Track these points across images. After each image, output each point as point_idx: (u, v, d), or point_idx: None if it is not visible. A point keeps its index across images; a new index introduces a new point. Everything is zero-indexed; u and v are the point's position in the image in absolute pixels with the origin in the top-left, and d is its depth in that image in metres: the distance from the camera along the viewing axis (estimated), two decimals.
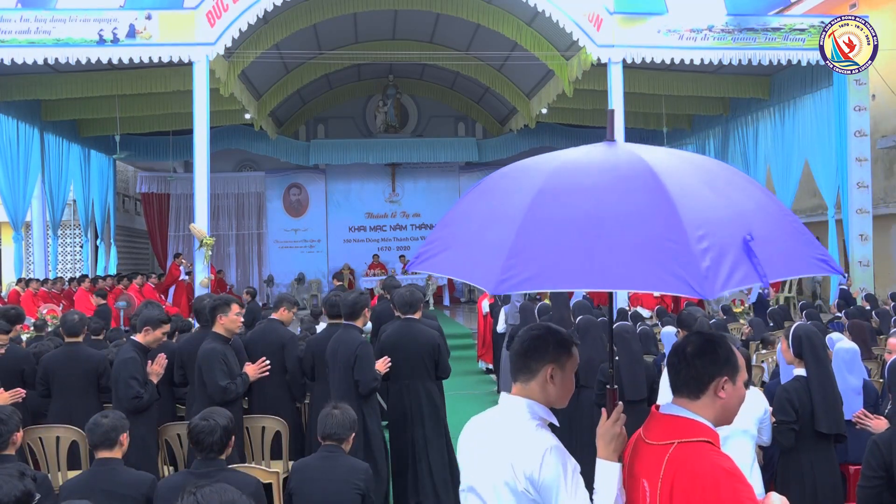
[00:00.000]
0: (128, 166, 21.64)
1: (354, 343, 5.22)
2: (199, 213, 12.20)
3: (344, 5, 14.01)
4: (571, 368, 2.29)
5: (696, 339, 2.19)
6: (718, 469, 2.00)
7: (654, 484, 2.08)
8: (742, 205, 2.02)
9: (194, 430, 3.43)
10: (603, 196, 2.00)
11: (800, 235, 2.16)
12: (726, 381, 2.11)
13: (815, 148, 14.08)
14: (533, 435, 2.20)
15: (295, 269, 21.13)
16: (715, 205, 1.96)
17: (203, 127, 12.14)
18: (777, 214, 2.13)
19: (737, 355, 2.16)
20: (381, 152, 20.29)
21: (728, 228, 1.88)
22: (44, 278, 14.88)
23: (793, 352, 4.14)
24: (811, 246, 2.13)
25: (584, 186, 2.06)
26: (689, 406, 2.12)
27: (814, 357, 4.05)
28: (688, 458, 2.03)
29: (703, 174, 2.13)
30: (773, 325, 8.88)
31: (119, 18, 11.92)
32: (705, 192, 2.00)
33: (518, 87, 17.56)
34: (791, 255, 2.05)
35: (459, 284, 21.72)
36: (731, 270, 1.82)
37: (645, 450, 2.16)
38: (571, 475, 2.14)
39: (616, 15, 12.70)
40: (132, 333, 5.21)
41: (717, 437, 2.11)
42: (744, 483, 2.01)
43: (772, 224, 2.03)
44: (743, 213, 1.98)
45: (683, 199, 1.91)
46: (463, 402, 9.08)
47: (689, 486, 2.00)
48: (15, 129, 14.75)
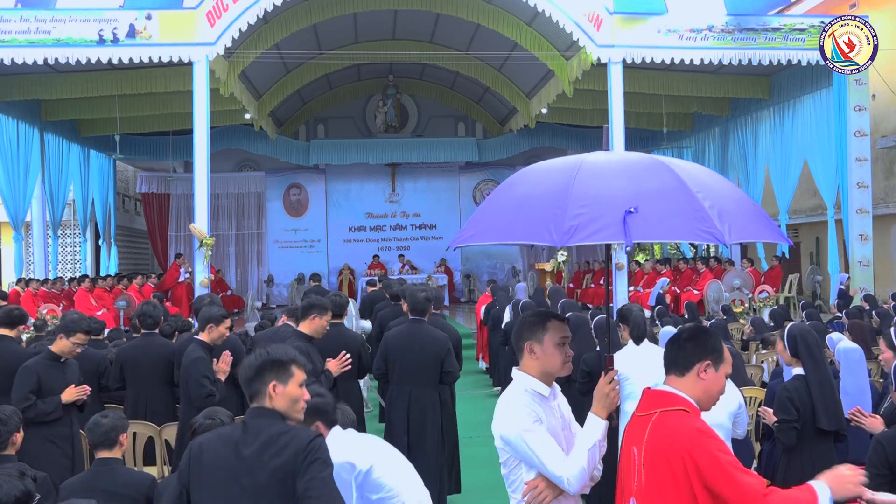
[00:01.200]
0: (128, 166, 21.64)
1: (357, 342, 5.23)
2: (199, 213, 12.19)
3: (344, 5, 14.00)
4: (550, 340, 2.72)
5: (691, 327, 2.59)
6: (692, 429, 2.31)
7: (640, 449, 2.40)
8: (648, 188, 2.48)
9: (199, 428, 3.43)
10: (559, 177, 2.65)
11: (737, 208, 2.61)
12: (709, 366, 2.43)
13: (814, 148, 14.08)
14: (509, 400, 2.71)
15: (295, 269, 21.11)
16: (610, 188, 2.50)
17: (203, 127, 12.14)
18: (704, 193, 2.53)
19: (723, 347, 2.48)
20: (381, 152, 20.28)
21: (609, 205, 2.41)
22: (44, 278, 14.88)
23: (789, 352, 4.16)
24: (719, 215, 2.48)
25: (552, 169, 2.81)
26: (674, 383, 2.45)
27: (809, 356, 4.07)
28: (666, 423, 2.35)
29: (629, 168, 2.64)
30: (773, 325, 8.88)
31: (119, 18, 11.92)
32: (613, 180, 2.54)
33: (518, 87, 17.56)
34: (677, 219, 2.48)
35: (459, 284, 21.72)
36: (593, 231, 2.39)
37: (634, 421, 2.50)
38: (534, 431, 2.59)
39: (616, 15, 12.69)
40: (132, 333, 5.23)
41: (697, 410, 2.41)
42: (715, 438, 2.31)
43: (678, 200, 2.47)
44: (642, 194, 2.44)
45: (582, 183, 2.50)
46: (463, 402, 9.08)
47: (667, 446, 2.30)
48: (15, 129, 14.75)
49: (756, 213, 2.71)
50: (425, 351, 5.27)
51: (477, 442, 7.63)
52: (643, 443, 2.38)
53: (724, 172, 17.41)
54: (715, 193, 2.55)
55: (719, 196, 2.55)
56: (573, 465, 2.56)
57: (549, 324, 2.74)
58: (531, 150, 20.79)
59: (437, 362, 5.28)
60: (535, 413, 2.64)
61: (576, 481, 2.57)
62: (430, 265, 21.11)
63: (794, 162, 14.73)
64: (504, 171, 21.57)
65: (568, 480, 2.56)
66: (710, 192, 2.52)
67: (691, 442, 2.27)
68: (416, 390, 5.28)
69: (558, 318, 2.80)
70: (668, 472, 2.29)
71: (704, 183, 2.57)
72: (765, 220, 2.73)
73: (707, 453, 2.25)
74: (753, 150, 16.26)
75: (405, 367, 5.29)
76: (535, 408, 2.65)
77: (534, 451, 2.58)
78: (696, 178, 2.59)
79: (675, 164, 2.65)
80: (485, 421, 2.81)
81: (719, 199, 2.52)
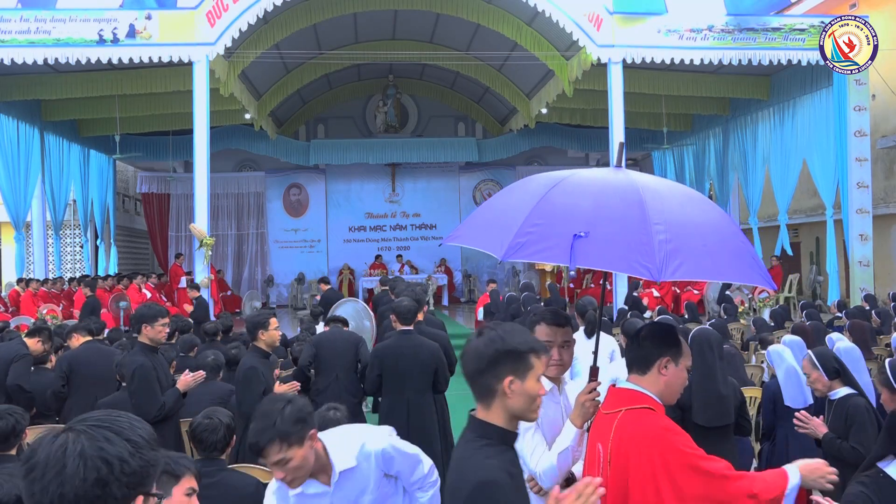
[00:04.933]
0: (128, 166, 21.63)
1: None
2: (199, 213, 12.19)
3: (344, 5, 14.00)
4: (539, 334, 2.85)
5: (648, 326, 2.65)
6: (657, 427, 2.37)
7: (606, 446, 2.44)
8: (608, 213, 2.49)
9: (197, 428, 3.41)
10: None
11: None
12: (668, 361, 2.48)
13: (814, 148, 14.07)
14: None
15: (295, 269, 21.12)
16: (574, 207, 2.52)
17: (203, 127, 12.14)
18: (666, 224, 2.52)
19: (683, 343, 2.53)
20: (381, 152, 20.28)
21: (564, 226, 2.42)
22: (44, 278, 14.87)
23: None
24: (632, 248, 2.44)
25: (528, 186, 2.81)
26: (637, 381, 2.50)
27: (699, 353, 4.10)
28: (632, 421, 2.40)
29: (602, 190, 2.63)
30: (773, 325, 8.88)
31: (119, 18, 11.92)
32: (581, 199, 2.55)
33: (518, 87, 17.56)
34: (617, 251, 2.47)
35: (459, 284, 21.72)
36: (537, 250, 2.42)
37: (600, 419, 2.55)
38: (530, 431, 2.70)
39: (616, 15, 12.69)
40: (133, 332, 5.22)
41: (662, 407, 2.46)
42: (681, 434, 2.37)
43: (630, 230, 2.45)
44: (600, 219, 2.46)
45: (549, 200, 2.53)
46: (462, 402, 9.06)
47: (633, 444, 2.36)
48: (15, 129, 14.75)
49: (736, 254, 2.61)
50: (418, 358, 5.29)
51: None
52: (609, 440, 2.44)
53: (724, 172, 17.44)
54: (681, 228, 2.50)
55: (687, 232, 2.51)
56: (544, 462, 2.70)
57: (536, 327, 2.89)
58: (531, 150, 20.80)
59: (431, 369, 5.31)
60: None
61: (545, 477, 2.69)
62: (430, 265, 21.11)
63: (794, 162, 14.72)
64: (504, 172, 21.58)
65: (538, 475, 2.71)
66: (676, 227, 2.47)
67: (658, 440, 2.34)
68: (415, 397, 5.28)
69: (549, 323, 2.91)
70: (634, 469, 2.35)
71: (674, 215, 2.52)
72: (745, 261, 2.62)
73: (674, 450, 2.31)
74: (753, 150, 16.25)
75: (401, 376, 5.27)
76: None
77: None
78: (669, 209, 2.53)
79: (652, 191, 2.59)
80: None
81: (684, 236, 2.48)
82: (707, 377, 4.12)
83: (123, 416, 1.39)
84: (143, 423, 1.42)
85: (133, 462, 1.33)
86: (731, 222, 2.75)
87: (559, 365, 2.89)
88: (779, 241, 15.21)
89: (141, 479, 1.35)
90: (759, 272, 2.63)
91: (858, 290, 12.60)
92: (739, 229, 2.76)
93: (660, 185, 2.73)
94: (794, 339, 5.27)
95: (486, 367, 1.99)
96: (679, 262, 2.40)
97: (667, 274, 2.37)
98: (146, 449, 1.37)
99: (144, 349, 4.79)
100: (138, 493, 1.35)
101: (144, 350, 4.79)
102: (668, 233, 2.43)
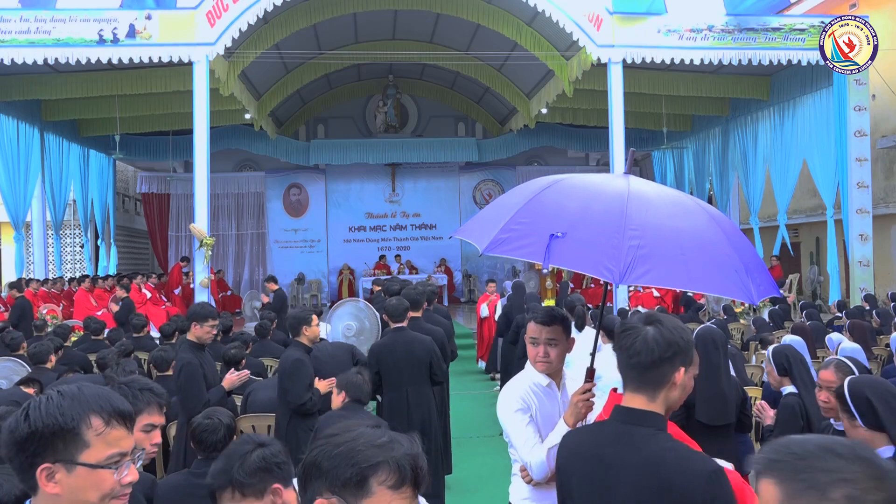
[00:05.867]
0: (128, 166, 21.65)
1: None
2: (199, 213, 12.19)
3: (344, 5, 14.01)
4: (526, 338, 3.05)
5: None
6: None
7: None
8: (589, 216, 2.54)
9: (197, 428, 3.42)
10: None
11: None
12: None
13: (814, 148, 14.07)
14: (508, 388, 3.04)
15: (295, 269, 21.13)
16: (561, 208, 2.58)
17: (203, 127, 12.14)
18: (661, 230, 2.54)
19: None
20: (381, 152, 20.29)
21: (545, 225, 2.50)
22: (44, 278, 14.88)
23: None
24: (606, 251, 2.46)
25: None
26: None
27: (704, 354, 4.07)
28: None
29: (592, 192, 2.67)
30: (773, 326, 8.89)
31: (119, 18, 11.92)
32: (569, 201, 2.61)
33: (518, 87, 17.56)
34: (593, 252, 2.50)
35: (459, 284, 21.73)
36: (516, 247, 2.53)
37: None
38: (514, 417, 2.89)
39: (616, 15, 12.69)
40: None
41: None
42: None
43: (604, 233, 2.48)
44: (580, 220, 2.51)
45: (539, 200, 2.62)
46: (463, 402, 9.07)
47: None
48: (15, 129, 14.75)
49: (716, 265, 2.52)
50: (413, 353, 5.41)
51: (475, 442, 7.63)
52: None
53: (724, 172, 17.43)
54: (659, 236, 2.47)
55: (665, 239, 2.47)
56: (535, 456, 2.81)
57: (528, 325, 3.06)
58: (531, 150, 20.80)
59: (426, 363, 5.43)
60: (523, 401, 2.94)
61: (536, 469, 2.82)
62: (430, 265, 21.12)
63: (794, 162, 14.72)
64: (504, 172, 21.59)
65: (530, 466, 2.84)
66: (652, 233, 2.45)
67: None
68: (414, 389, 5.39)
69: (536, 321, 3.02)
70: None
71: (656, 222, 2.49)
72: (726, 273, 2.52)
73: None
74: (753, 151, 16.25)
75: (398, 372, 5.38)
76: (526, 396, 2.96)
77: (510, 435, 2.93)
78: (653, 216, 2.51)
79: (642, 198, 2.57)
80: (482, 421, 2.80)
81: (661, 243, 2.45)
82: (711, 376, 4.13)
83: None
84: None
85: None
86: (721, 232, 2.61)
87: (546, 361, 2.97)
88: (777, 239, 15.22)
89: None
90: (739, 285, 2.50)
91: (858, 290, 12.60)
92: (732, 239, 2.62)
93: (653, 193, 2.69)
94: (795, 339, 5.28)
95: (668, 357, 2.02)
96: (647, 268, 2.40)
97: (630, 278, 2.37)
98: None
99: (192, 346, 4.91)
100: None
101: (192, 347, 4.91)
102: (643, 238, 2.43)
